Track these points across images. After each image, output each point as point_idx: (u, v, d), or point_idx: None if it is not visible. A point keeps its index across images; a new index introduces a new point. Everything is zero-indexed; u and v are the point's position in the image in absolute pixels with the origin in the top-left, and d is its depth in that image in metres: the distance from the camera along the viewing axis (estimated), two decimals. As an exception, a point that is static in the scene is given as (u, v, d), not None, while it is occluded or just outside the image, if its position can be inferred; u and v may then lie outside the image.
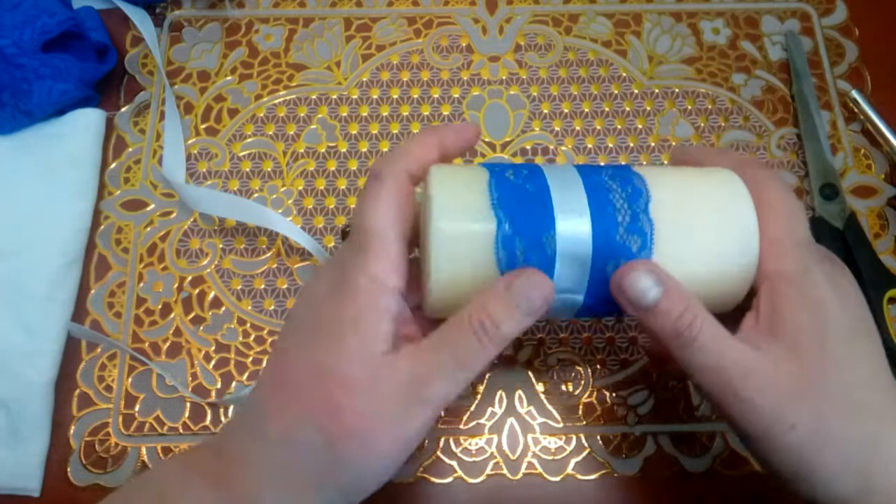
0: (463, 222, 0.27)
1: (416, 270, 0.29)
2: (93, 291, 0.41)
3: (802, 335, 0.26)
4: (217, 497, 0.26)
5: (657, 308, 0.26)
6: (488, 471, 0.38)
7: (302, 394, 0.26)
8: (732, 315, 0.28)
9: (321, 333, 0.26)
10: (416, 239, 0.30)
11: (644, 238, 0.27)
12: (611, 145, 0.45)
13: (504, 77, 0.47)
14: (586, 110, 0.46)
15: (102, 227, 0.43)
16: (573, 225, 0.27)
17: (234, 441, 0.27)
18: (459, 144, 0.30)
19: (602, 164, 0.44)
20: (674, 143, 0.45)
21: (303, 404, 0.26)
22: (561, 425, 0.39)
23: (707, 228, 0.28)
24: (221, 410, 0.39)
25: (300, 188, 0.44)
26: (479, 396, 0.39)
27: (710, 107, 0.46)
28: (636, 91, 0.47)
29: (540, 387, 0.39)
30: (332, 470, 0.25)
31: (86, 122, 0.44)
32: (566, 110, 0.46)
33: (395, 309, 0.26)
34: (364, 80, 0.47)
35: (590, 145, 0.45)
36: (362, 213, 0.27)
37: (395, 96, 0.46)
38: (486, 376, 0.39)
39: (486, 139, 0.45)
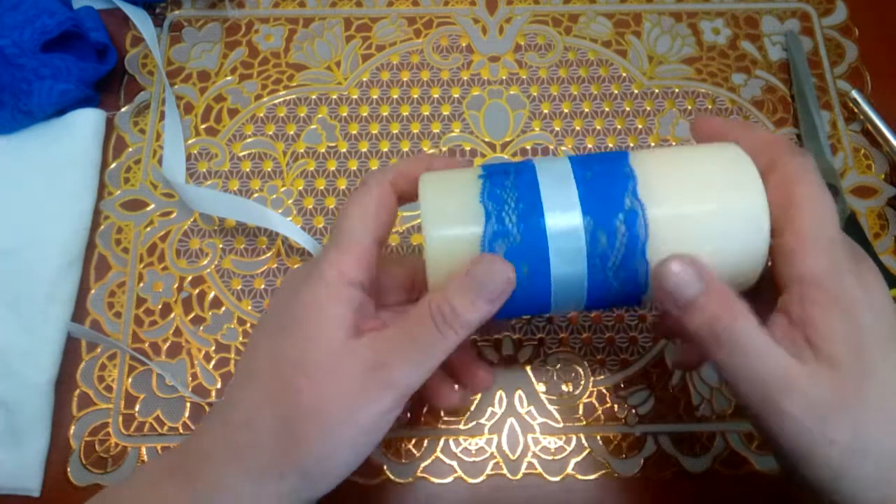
0: (451, 225, 0.27)
1: (398, 271, 0.31)
2: (93, 291, 0.41)
3: (838, 344, 0.24)
4: (183, 490, 0.27)
5: (696, 304, 0.25)
6: (488, 471, 0.38)
7: (262, 378, 0.27)
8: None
9: (284, 321, 0.27)
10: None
11: (636, 225, 0.26)
12: (611, 145, 0.45)
13: (504, 77, 0.47)
14: (586, 110, 0.46)
15: (102, 227, 0.43)
16: (565, 228, 0.26)
17: (201, 432, 0.28)
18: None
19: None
20: (674, 144, 0.45)
21: (262, 388, 0.27)
22: (561, 425, 0.39)
23: (707, 207, 0.27)
24: (221, 410, 0.39)
25: (300, 188, 0.44)
26: (479, 396, 0.39)
27: (710, 107, 0.46)
28: (636, 91, 0.47)
29: (540, 387, 0.39)
30: (291, 454, 0.26)
31: (86, 122, 0.44)
32: (566, 110, 0.46)
33: (357, 300, 0.27)
34: (364, 80, 0.47)
35: (590, 145, 0.45)
36: (342, 213, 0.29)
37: (395, 96, 0.46)
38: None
39: (486, 139, 0.45)
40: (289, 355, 0.27)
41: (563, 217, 0.26)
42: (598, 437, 0.38)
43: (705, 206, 0.27)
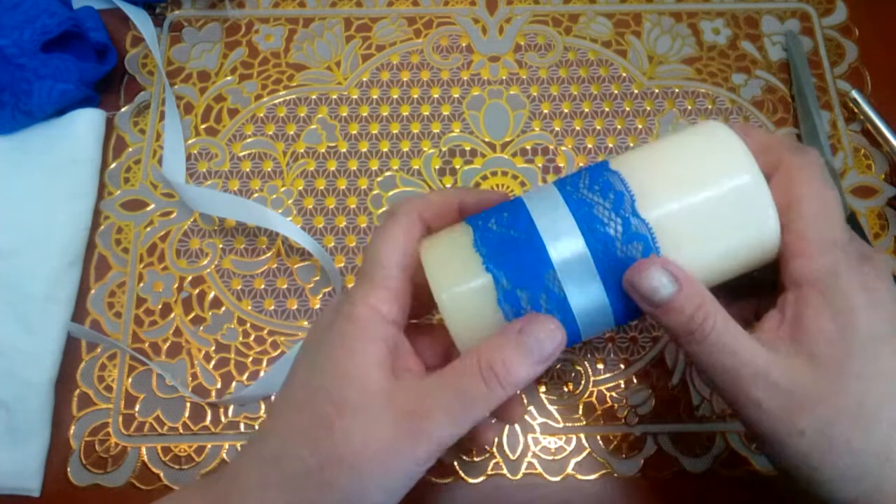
0: (461, 290, 0.26)
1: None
2: (93, 291, 0.41)
3: (822, 344, 0.25)
4: None
5: (670, 305, 0.25)
6: (488, 471, 0.38)
7: (296, 413, 0.26)
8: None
9: (319, 358, 0.27)
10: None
11: (645, 241, 0.26)
12: (611, 145, 0.45)
13: (504, 77, 0.47)
14: (586, 110, 0.46)
15: (102, 227, 0.43)
16: (570, 258, 0.26)
17: (236, 463, 0.28)
18: (481, 206, 0.30)
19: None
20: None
21: (295, 423, 0.26)
22: (561, 425, 0.39)
23: (709, 202, 0.26)
24: (221, 410, 0.39)
25: (300, 188, 0.44)
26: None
27: (710, 107, 0.46)
28: (636, 91, 0.47)
29: (540, 387, 0.39)
30: (319, 496, 0.25)
31: (86, 123, 0.44)
32: (566, 110, 0.46)
33: (392, 338, 0.27)
34: (364, 80, 0.47)
35: (590, 145, 0.45)
36: (371, 246, 0.28)
37: (395, 96, 0.46)
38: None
39: (486, 139, 0.45)
40: (323, 390, 0.26)
41: (566, 245, 0.26)
42: (598, 437, 0.38)
43: (703, 197, 0.26)
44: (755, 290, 0.30)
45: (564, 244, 0.26)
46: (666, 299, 0.25)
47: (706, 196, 0.26)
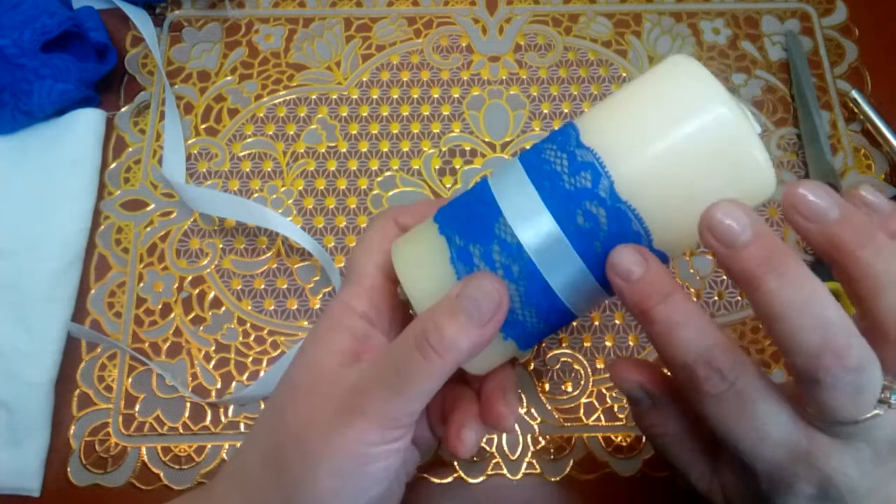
0: (414, 252, 0.27)
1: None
2: (93, 291, 0.41)
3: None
4: None
5: (641, 278, 0.24)
6: (488, 471, 0.38)
7: (266, 406, 0.29)
8: None
9: (295, 356, 0.28)
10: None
11: (592, 168, 0.24)
12: (611, 145, 0.45)
13: (504, 77, 0.47)
14: (586, 110, 0.46)
15: (102, 227, 0.43)
16: (518, 200, 0.25)
17: (227, 461, 0.30)
18: None
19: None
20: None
21: (262, 415, 0.28)
22: (561, 425, 0.39)
23: (659, 118, 0.24)
24: (221, 410, 0.39)
25: (300, 188, 0.44)
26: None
27: (710, 107, 0.46)
28: (636, 91, 0.46)
29: (540, 387, 0.39)
30: (275, 481, 0.26)
31: (86, 123, 0.44)
32: (566, 110, 0.46)
33: (360, 329, 0.27)
34: (364, 80, 0.47)
35: (590, 145, 0.45)
36: (351, 252, 0.30)
37: (395, 96, 0.46)
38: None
39: (486, 139, 0.45)
40: (287, 378, 0.28)
41: (514, 191, 0.25)
42: (599, 437, 0.38)
43: (655, 120, 0.24)
44: None
45: (513, 192, 0.25)
46: (640, 273, 0.24)
47: (664, 121, 0.24)
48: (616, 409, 0.39)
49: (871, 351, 0.21)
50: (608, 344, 0.40)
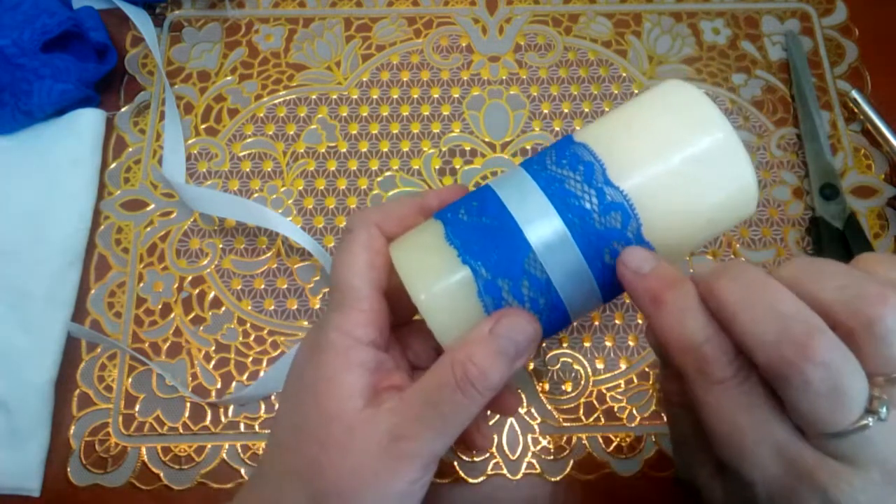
0: (439, 288, 0.25)
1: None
2: (93, 291, 0.41)
3: None
4: None
5: (649, 275, 0.24)
6: (488, 471, 0.38)
7: (288, 453, 0.26)
8: None
9: (301, 394, 0.26)
10: (397, 294, 0.28)
11: (622, 209, 0.25)
12: (611, 145, 0.45)
13: (504, 77, 0.47)
14: (586, 110, 0.46)
15: (102, 227, 0.43)
16: (549, 237, 0.25)
17: (238, 500, 0.28)
18: (445, 203, 0.28)
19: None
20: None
21: (288, 464, 0.26)
22: (561, 425, 0.39)
23: (683, 162, 0.25)
24: (221, 410, 0.39)
25: (300, 188, 0.44)
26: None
27: (710, 107, 0.46)
28: (636, 91, 0.46)
29: (540, 387, 0.39)
30: None
31: (86, 123, 0.44)
32: (566, 110, 0.46)
33: (372, 361, 0.26)
34: (364, 80, 0.47)
35: (590, 145, 0.45)
36: (334, 267, 0.27)
37: (395, 96, 0.46)
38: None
39: (486, 139, 0.45)
40: (309, 430, 0.25)
41: (542, 225, 0.25)
42: (599, 437, 0.38)
43: (677, 158, 0.25)
44: None
45: (540, 224, 0.25)
46: (644, 268, 0.24)
47: (680, 157, 0.25)
48: (616, 410, 0.39)
49: (848, 352, 0.21)
50: (608, 344, 0.40)
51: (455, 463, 0.38)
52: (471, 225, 0.26)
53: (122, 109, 0.46)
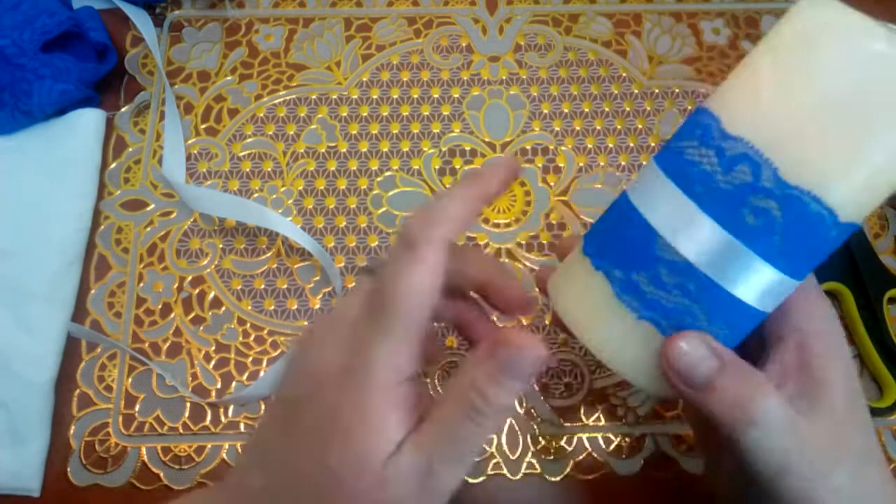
0: (578, 303, 0.25)
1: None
2: (93, 291, 0.41)
3: (838, 397, 0.25)
4: None
5: (712, 385, 0.24)
6: (488, 471, 0.38)
7: (314, 496, 0.24)
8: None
9: (329, 429, 0.23)
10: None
11: (748, 160, 0.22)
12: (611, 145, 0.45)
13: (504, 77, 0.47)
14: (586, 110, 0.46)
15: (102, 227, 0.43)
16: (671, 213, 0.22)
17: None
18: (505, 186, 0.26)
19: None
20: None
21: (305, 498, 0.24)
22: (561, 425, 0.39)
23: (824, 86, 0.21)
24: (221, 410, 0.39)
25: (300, 188, 0.44)
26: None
27: (710, 107, 0.46)
28: (636, 91, 0.47)
29: (540, 387, 0.39)
30: None
31: (86, 123, 0.44)
32: (566, 110, 0.46)
33: (414, 396, 0.24)
34: (364, 80, 0.47)
35: (590, 145, 0.45)
36: (386, 286, 0.23)
37: (395, 96, 0.46)
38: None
39: (486, 139, 0.45)
40: (338, 477, 0.23)
41: (664, 203, 0.23)
42: (599, 437, 0.38)
43: (816, 87, 0.21)
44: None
45: (660, 203, 0.23)
46: (706, 378, 0.24)
47: (819, 84, 0.21)
48: (616, 409, 0.39)
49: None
50: (608, 344, 0.40)
51: (455, 463, 0.38)
52: (601, 229, 0.25)
53: (122, 109, 0.46)
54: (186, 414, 0.39)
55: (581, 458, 0.38)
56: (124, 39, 0.48)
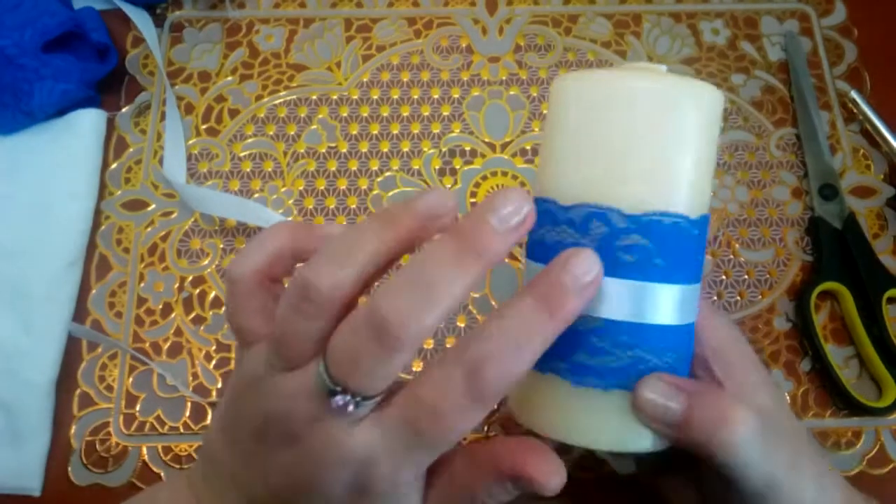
0: (548, 412, 0.26)
1: None
2: (93, 291, 0.41)
3: (761, 394, 0.27)
4: None
5: (685, 422, 0.25)
6: (488, 470, 0.38)
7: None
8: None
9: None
10: None
11: (596, 216, 0.24)
12: (610, 145, 0.45)
13: (504, 77, 0.47)
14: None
15: (103, 227, 0.43)
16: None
17: None
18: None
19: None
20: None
21: None
22: (561, 425, 0.39)
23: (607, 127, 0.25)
24: (222, 410, 0.39)
25: (301, 188, 0.44)
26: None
27: (709, 107, 0.46)
28: (636, 91, 0.47)
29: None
30: None
31: (86, 123, 0.44)
32: (566, 111, 0.46)
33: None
34: (364, 80, 0.47)
35: (590, 145, 0.45)
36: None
37: (396, 97, 0.46)
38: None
39: (486, 139, 0.45)
40: None
41: (600, 298, 0.24)
42: (598, 437, 0.38)
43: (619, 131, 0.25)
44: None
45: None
46: (678, 417, 0.24)
47: (595, 131, 0.25)
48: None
49: None
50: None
51: (455, 462, 0.38)
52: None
53: (123, 110, 0.46)
54: (187, 413, 0.39)
55: (581, 457, 0.38)
56: (125, 40, 0.48)
